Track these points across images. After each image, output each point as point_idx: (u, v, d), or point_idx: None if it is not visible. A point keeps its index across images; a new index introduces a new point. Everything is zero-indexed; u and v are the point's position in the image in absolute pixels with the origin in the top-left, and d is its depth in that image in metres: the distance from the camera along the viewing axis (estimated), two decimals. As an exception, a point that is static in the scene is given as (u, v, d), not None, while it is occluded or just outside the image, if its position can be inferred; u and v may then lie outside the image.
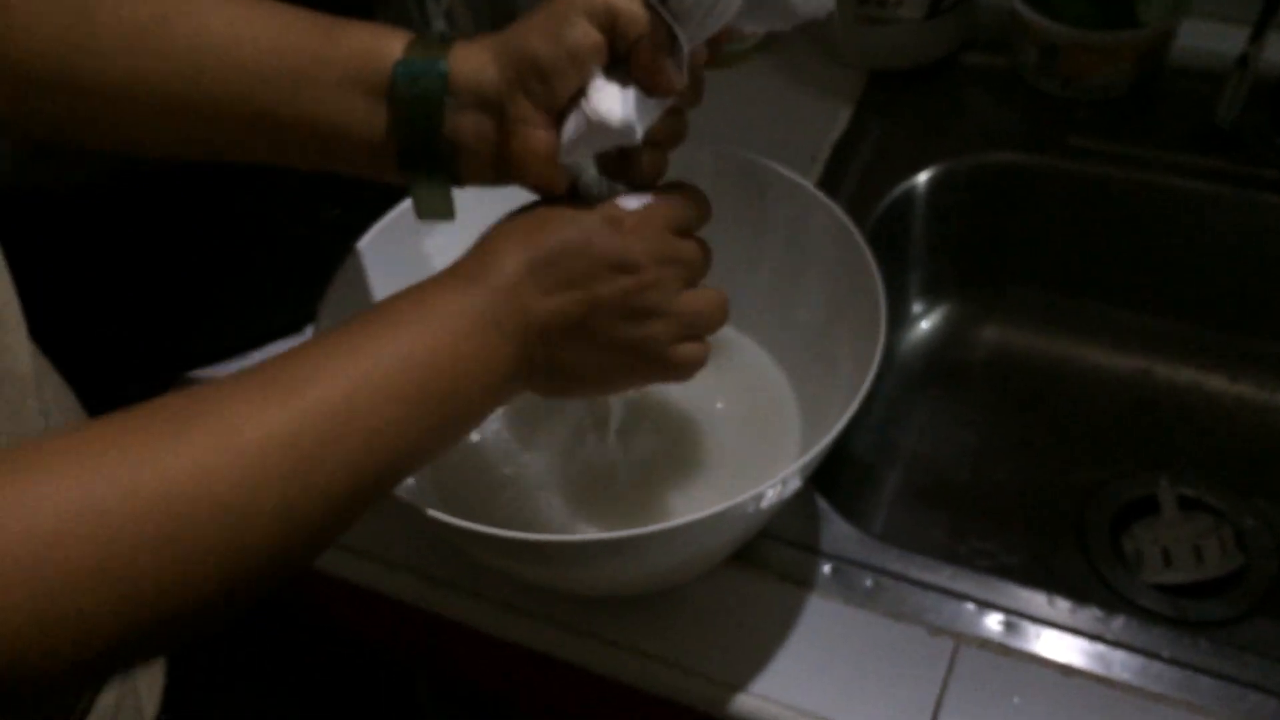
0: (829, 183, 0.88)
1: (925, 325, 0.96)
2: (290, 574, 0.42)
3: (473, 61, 0.50)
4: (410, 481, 0.58)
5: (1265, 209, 0.86)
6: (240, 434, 0.39)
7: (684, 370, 0.54)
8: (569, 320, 0.49)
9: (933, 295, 0.96)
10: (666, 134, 0.53)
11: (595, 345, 0.51)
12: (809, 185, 0.67)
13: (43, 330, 0.52)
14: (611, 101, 0.48)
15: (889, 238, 0.89)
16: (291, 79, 0.51)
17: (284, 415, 0.41)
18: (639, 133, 0.49)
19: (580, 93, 0.49)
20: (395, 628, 0.78)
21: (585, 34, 0.48)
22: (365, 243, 0.65)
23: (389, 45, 0.51)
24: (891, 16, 0.94)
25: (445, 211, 0.55)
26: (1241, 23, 0.81)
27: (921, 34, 0.95)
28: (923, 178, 0.90)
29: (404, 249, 0.68)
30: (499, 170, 0.52)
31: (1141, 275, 0.92)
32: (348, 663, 1.17)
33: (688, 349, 0.53)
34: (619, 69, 0.49)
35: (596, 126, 0.48)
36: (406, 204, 0.67)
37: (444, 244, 0.69)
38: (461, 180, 0.53)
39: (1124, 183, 0.89)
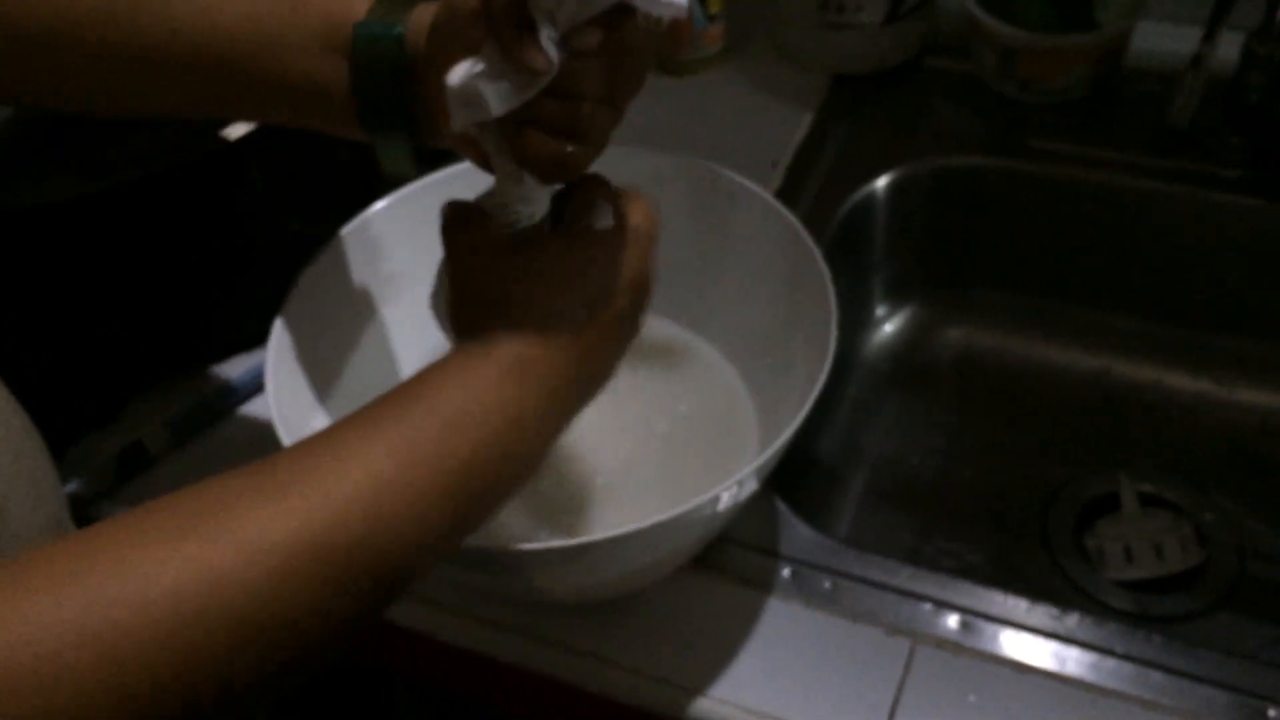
0: (791, 187, 0.89)
1: (889, 328, 0.97)
2: (327, 660, 0.41)
3: (426, 20, 0.50)
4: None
5: (1222, 208, 0.87)
6: (264, 537, 0.38)
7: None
8: (582, 350, 0.49)
9: (896, 298, 0.97)
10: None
11: (597, 359, 0.51)
12: (763, 191, 0.67)
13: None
14: (458, 69, 0.46)
15: (852, 241, 0.90)
16: (263, 40, 0.52)
17: (312, 514, 0.39)
18: (492, 106, 0.46)
19: None
20: (363, 639, 0.78)
21: None
22: (324, 255, 0.66)
23: (355, 5, 0.52)
24: (852, 21, 0.94)
25: (406, 169, 0.55)
26: (1195, 23, 0.82)
27: (881, 39, 0.96)
28: (884, 181, 0.91)
29: (364, 262, 0.68)
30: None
31: (1102, 275, 0.93)
32: (326, 674, 1.17)
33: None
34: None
35: (450, 92, 0.47)
36: (366, 216, 0.68)
37: (402, 257, 0.70)
38: (423, 140, 0.54)
39: (1083, 184, 0.90)
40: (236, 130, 0.72)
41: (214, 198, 0.75)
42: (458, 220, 0.51)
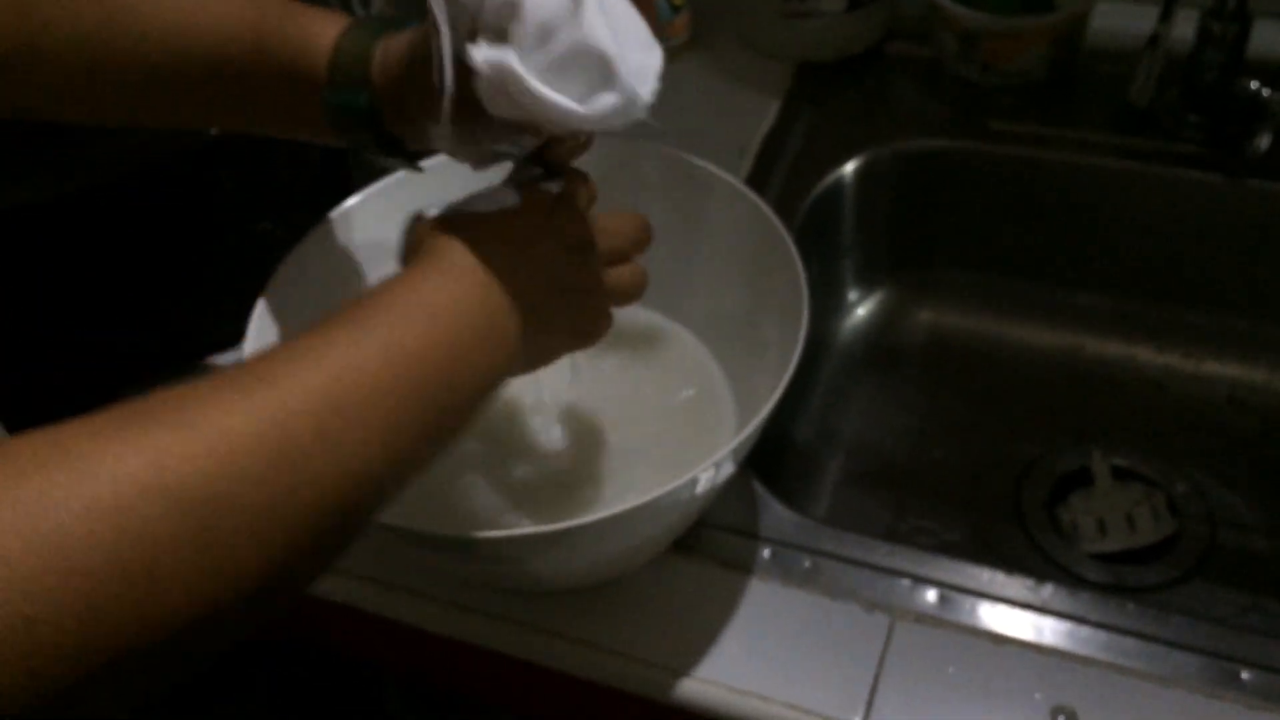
0: (759, 175, 0.90)
1: (861, 311, 0.98)
2: (286, 587, 0.38)
3: (393, 55, 0.52)
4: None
5: (1182, 184, 0.88)
6: (217, 425, 0.36)
7: (596, 338, 0.56)
8: (532, 301, 0.50)
9: (867, 282, 0.98)
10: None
11: (545, 324, 0.52)
12: (733, 178, 0.68)
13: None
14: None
15: (821, 227, 0.90)
16: (238, 70, 0.53)
17: (269, 405, 0.38)
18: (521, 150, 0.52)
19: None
20: (348, 632, 0.78)
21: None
22: (296, 255, 0.66)
23: (319, 43, 0.53)
24: (814, 9, 0.95)
25: (406, 167, 0.58)
26: (1152, 2, 0.84)
27: (844, 26, 0.97)
28: (851, 167, 0.92)
29: (335, 261, 0.69)
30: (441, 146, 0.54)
31: (1067, 253, 0.94)
32: (317, 668, 1.17)
33: (606, 319, 0.56)
34: None
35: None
36: (336, 215, 0.68)
37: (374, 255, 0.70)
38: (411, 157, 0.56)
39: (1045, 164, 0.91)
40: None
41: (184, 198, 0.75)
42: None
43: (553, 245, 0.51)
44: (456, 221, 0.50)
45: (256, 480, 0.36)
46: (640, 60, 0.49)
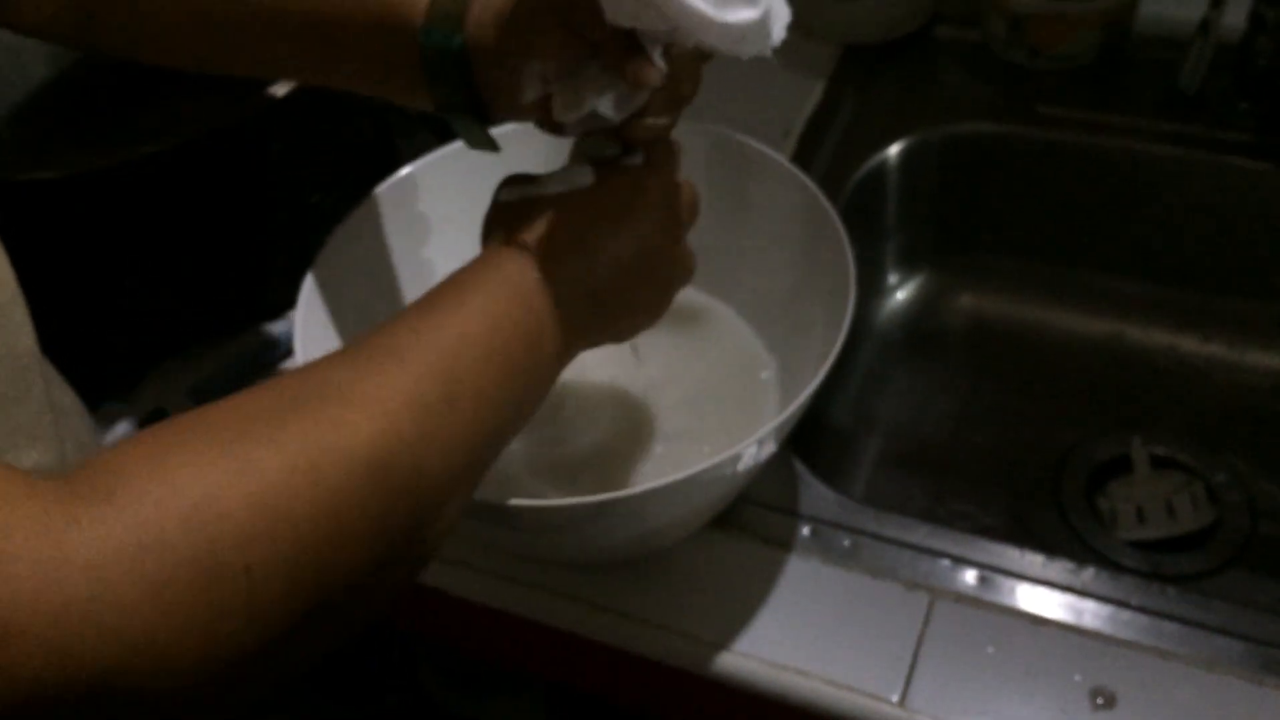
0: (803, 156, 0.90)
1: (901, 295, 0.98)
2: (424, 556, 0.42)
3: (487, 15, 0.51)
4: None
5: (1230, 172, 0.87)
6: (373, 397, 0.40)
7: (660, 315, 0.56)
8: (605, 283, 0.51)
9: (908, 265, 0.98)
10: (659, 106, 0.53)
11: (623, 303, 0.53)
12: (781, 159, 0.68)
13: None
14: (572, 107, 0.50)
15: (863, 210, 0.90)
16: (335, 13, 0.54)
17: (403, 378, 0.41)
18: (613, 118, 0.50)
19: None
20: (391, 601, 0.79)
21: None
22: (346, 227, 0.66)
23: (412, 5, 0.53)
24: (861, -8, 0.95)
25: (488, 144, 0.58)
26: (1203, -11, 0.83)
27: (891, 8, 0.97)
28: (895, 150, 0.91)
29: (383, 232, 0.69)
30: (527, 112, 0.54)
31: (1112, 240, 0.94)
32: (352, 644, 1.18)
33: (670, 296, 0.56)
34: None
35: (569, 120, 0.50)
36: (383, 189, 0.69)
37: (420, 226, 0.71)
38: (494, 120, 0.55)
39: (1092, 149, 0.90)
40: (281, 88, 0.73)
41: (234, 169, 0.75)
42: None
43: (632, 224, 0.51)
44: (534, 205, 0.51)
45: (409, 445, 0.40)
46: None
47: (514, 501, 0.53)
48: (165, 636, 0.32)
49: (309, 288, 0.63)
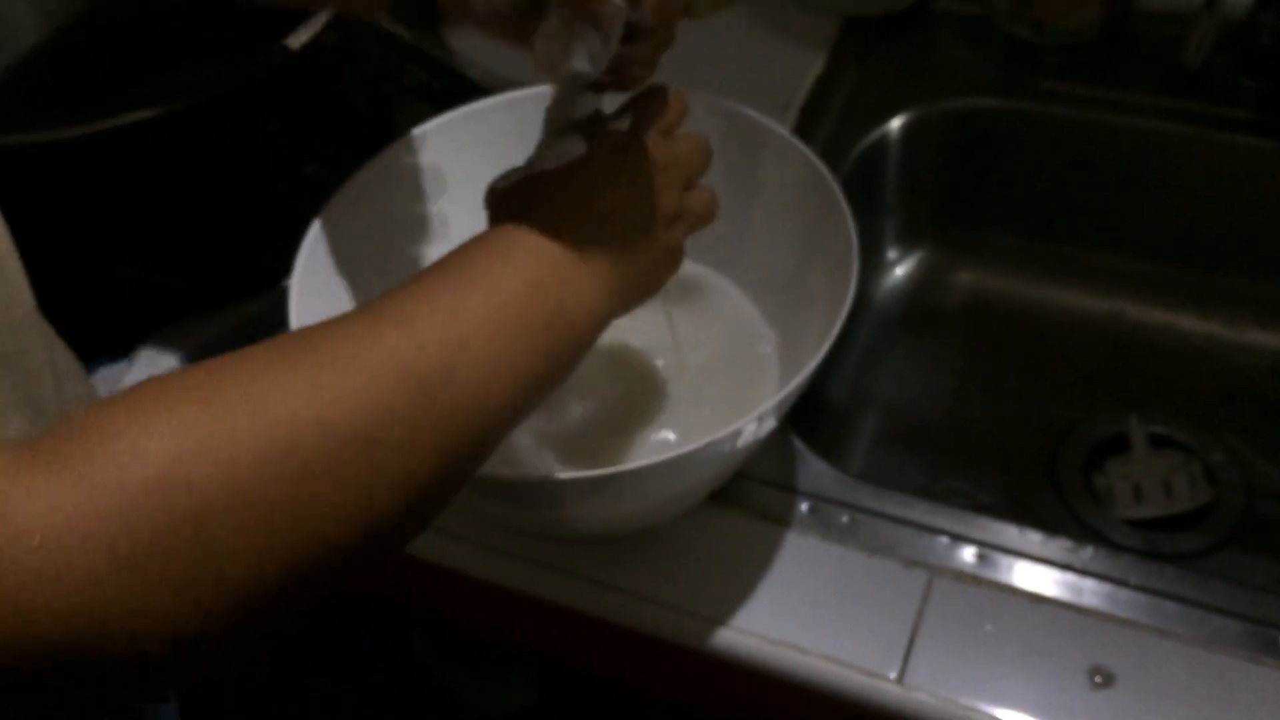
0: (804, 129, 0.89)
1: (900, 271, 0.97)
2: (418, 522, 0.41)
3: None
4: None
5: (1234, 149, 0.87)
6: (357, 359, 0.39)
7: (676, 265, 0.55)
8: (616, 249, 0.50)
9: (908, 241, 0.97)
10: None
11: (636, 269, 0.52)
12: (784, 131, 0.68)
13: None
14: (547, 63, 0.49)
15: (863, 184, 0.90)
16: None
17: (401, 342, 0.40)
18: (591, 70, 0.49)
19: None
20: (379, 572, 0.79)
21: None
22: (340, 197, 0.66)
23: None
24: (864, -37, 0.94)
25: (440, 48, 0.60)
26: (1209, -36, 0.82)
27: (893, -20, 0.95)
28: (896, 124, 0.91)
29: (377, 203, 0.68)
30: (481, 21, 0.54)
31: (1113, 217, 0.93)
32: (346, 614, 1.18)
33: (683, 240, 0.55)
34: None
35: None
36: (380, 160, 0.68)
37: (415, 197, 0.70)
38: (447, 28, 0.57)
39: (1095, 125, 0.90)
40: (299, 38, 0.72)
41: (230, 139, 0.74)
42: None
43: (632, 181, 0.51)
44: (529, 186, 0.50)
45: (400, 418, 0.38)
46: None
47: (510, 475, 0.53)
48: (129, 607, 0.31)
49: (303, 258, 0.63)
